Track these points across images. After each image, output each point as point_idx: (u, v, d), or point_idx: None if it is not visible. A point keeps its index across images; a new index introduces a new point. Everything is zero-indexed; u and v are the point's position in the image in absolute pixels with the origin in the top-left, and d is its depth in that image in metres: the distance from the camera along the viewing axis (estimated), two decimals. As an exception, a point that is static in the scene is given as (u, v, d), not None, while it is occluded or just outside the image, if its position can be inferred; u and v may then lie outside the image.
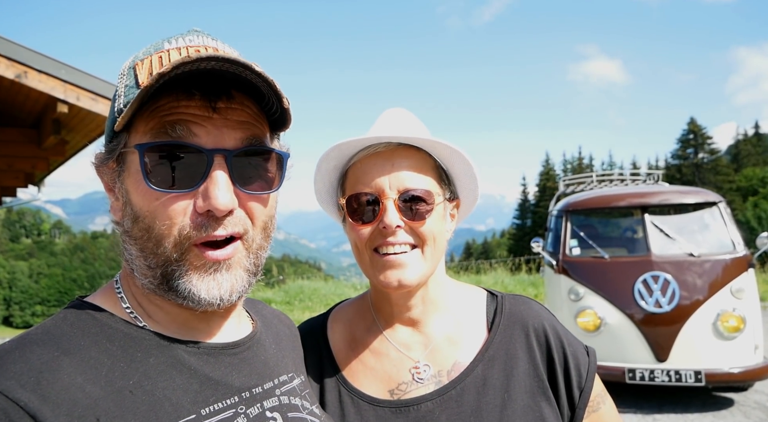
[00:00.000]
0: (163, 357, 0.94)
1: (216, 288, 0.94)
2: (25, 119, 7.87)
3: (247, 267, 1.00)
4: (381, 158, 1.29)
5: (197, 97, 0.92)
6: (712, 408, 6.53)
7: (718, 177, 63.53)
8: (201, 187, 0.92)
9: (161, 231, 0.92)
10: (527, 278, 18.12)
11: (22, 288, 68.88)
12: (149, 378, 0.90)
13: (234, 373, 1.01)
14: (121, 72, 0.98)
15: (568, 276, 7.17)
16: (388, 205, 1.26)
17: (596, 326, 6.63)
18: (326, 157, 1.33)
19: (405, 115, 1.41)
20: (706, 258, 6.69)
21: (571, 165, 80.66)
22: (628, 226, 7.97)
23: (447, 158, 1.35)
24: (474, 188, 1.42)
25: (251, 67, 0.89)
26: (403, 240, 1.27)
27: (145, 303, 1.00)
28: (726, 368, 6.16)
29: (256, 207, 0.99)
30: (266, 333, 1.20)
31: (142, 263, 0.95)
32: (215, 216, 0.92)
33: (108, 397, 0.83)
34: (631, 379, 6.29)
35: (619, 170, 11.43)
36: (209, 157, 0.92)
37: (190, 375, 0.94)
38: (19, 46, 6.32)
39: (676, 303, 6.37)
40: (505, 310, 1.40)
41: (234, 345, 1.05)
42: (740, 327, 6.25)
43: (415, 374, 1.35)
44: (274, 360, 1.14)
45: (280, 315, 1.41)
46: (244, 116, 0.97)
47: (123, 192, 0.97)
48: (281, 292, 16.56)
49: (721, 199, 7.34)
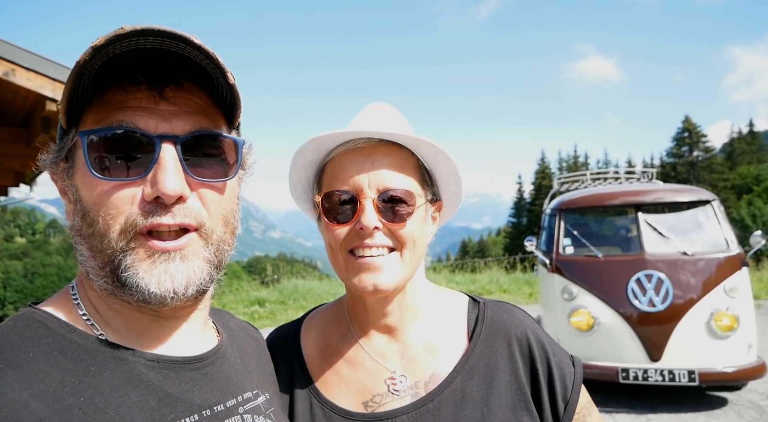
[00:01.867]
0: (118, 371, 0.88)
1: (168, 281, 0.88)
2: (14, 117, 7.78)
3: (207, 258, 0.94)
4: (361, 154, 1.22)
5: (144, 86, 0.88)
6: (706, 407, 6.51)
7: (712, 175, 63.82)
8: (149, 174, 0.87)
9: (106, 221, 0.87)
10: (522, 277, 18.12)
11: (17, 288, 68.56)
12: (102, 394, 0.84)
13: (195, 389, 0.95)
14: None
15: (562, 275, 7.14)
16: (366, 204, 1.18)
17: (589, 325, 6.61)
18: (302, 150, 1.26)
19: (388, 110, 1.34)
20: (700, 257, 6.67)
21: (566, 163, 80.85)
22: (621, 225, 7.96)
23: (431, 158, 1.28)
24: (458, 190, 1.35)
25: (190, 40, 0.84)
26: (381, 243, 1.20)
27: (102, 308, 0.94)
28: (719, 367, 6.14)
29: (211, 195, 0.94)
30: (232, 347, 1.14)
31: (94, 263, 0.90)
32: (164, 203, 0.87)
33: (55, 415, 0.77)
34: (625, 379, 6.27)
35: (614, 168, 11.42)
36: (157, 143, 0.87)
37: (148, 391, 0.88)
38: (7, 44, 6.24)
39: (670, 302, 6.34)
40: (486, 318, 1.33)
41: (197, 360, 0.99)
42: (734, 327, 6.23)
43: (391, 385, 1.28)
44: (238, 376, 1.08)
45: (248, 327, 1.35)
46: (194, 105, 0.93)
47: (73, 190, 0.92)
48: (275, 291, 16.50)
49: (714, 197, 7.33)
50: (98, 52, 0.80)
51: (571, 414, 1.25)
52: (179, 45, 0.85)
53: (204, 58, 0.87)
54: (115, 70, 0.86)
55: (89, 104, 0.89)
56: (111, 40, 0.80)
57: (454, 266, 25.17)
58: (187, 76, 0.92)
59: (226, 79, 0.91)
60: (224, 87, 0.93)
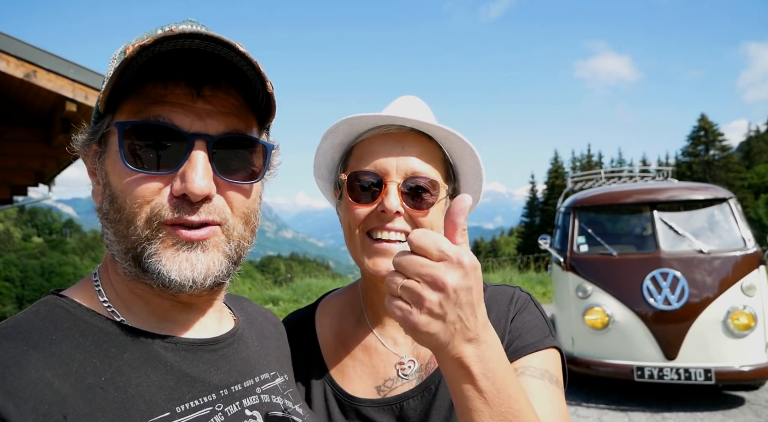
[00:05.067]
0: (138, 352, 0.91)
1: (189, 269, 0.91)
2: (35, 118, 7.93)
3: (227, 252, 0.97)
4: (391, 140, 1.25)
5: (183, 83, 0.91)
6: (722, 406, 6.46)
7: (729, 174, 62.88)
8: (179, 170, 0.90)
9: (133, 210, 0.90)
10: (535, 276, 18.03)
11: (34, 287, 69.56)
12: (123, 374, 0.87)
13: (212, 370, 0.98)
14: (112, 57, 0.97)
15: (576, 273, 7.11)
16: (391, 188, 1.21)
17: (604, 324, 6.58)
18: (335, 129, 1.28)
19: (419, 103, 1.37)
20: (716, 255, 6.60)
21: (580, 162, 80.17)
22: (636, 223, 7.89)
23: (457, 153, 1.31)
24: (478, 190, 1.37)
25: (235, 47, 0.87)
26: (400, 228, 1.22)
27: (125, 293, 0.97)
28: (736, 366, 6.09)
29: (236, 197, 0.97)
30: (249, 330, 1.17)
31: (119, 248, 0.93)
32: (190, 200, 0.90)
33: (77, 394, 0.81)
34: (640, 377, 6.24)
35: (628, 167, 11.31)
36: (190, 141, 0.90)
37: (166, 371, 0.92)
38: (28, 46, 6.37)
39: (686, 301, 6.29)
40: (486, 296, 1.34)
41: (213, 341, 1.03)
42: (751, 325, 6.16)
43: (400, 370, 1.31)
44: (256, 357, 1.11)
45: (266, 312, 1.38)
46: (229, 106, 0.95)
47: (103, 174, 0.95)
48: (289, 290, 16.59)
49: (731, 195, 7.24)
50: (145, 50, 0.84)
51: (519, 349, 1.22)
52: (223, 49, 0.87)
53: (245, 64, 0.90)
54: (157, 63, 0.89)
55: (128, 93, 0.91)
56: (159, 41, 0.83)
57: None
58: (225, 77, 0.94)
59: (265, 87, 0.94)
60: (262, 93, 0.96)
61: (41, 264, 74.41)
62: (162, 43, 0.84)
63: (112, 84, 0.87)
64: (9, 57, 6.29)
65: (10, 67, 6.30)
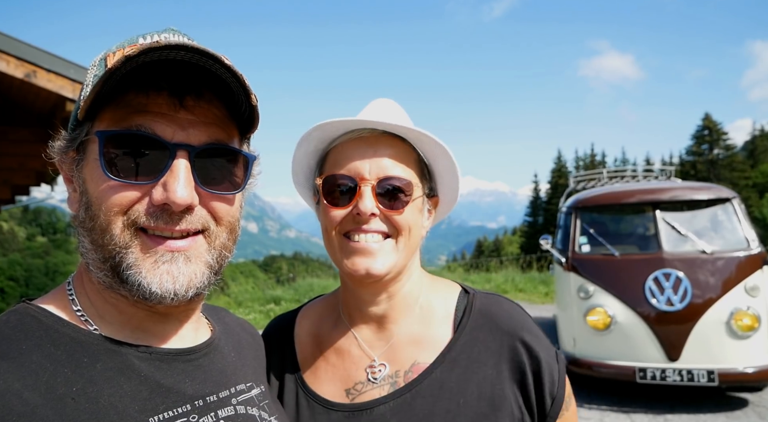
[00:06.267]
0: (111, 362, 0.89)
1: (170, 282, 0.89)
2: (36, 118, 7.95)
3: (209, 263, 0.96)
4: (364, 143, 1.27)
5: (165, 93, 0.90)
6: (726, 408, 6.40)
7: (733, 173, 62.63)
8: (160, 180, 0.89)
9: (108, 217, 0.88)
10: (538, 276, 17.98)
11: (39, 286, 69.91)
12: (95, 384, 0.85)
13: (188, 380, 0.97)
14: (92, 64, 0.95)
15: (578, 273, 7.08)
16: (365, 190, 1.23)
17: (606, 324, 6.54)
18: (307, 137, 1.30)
19: (393, 105, 1.39)
20: (720, 256, 6.55)
21: (583, 162, 80.00)
22: (638, 223, 7.85)
23: (430, 152, 1.33)
24: (455, 188, 1.39)
25: (220, 60, 0.86)
26: (377, 229, 1.24)
27: (99, 302, 0.96)
28: (740, 368, 6.04)
29: (219, 206, 0.97)
30: (226, 341, 1.16)
31: (95, 257, 0.91)
32: (171, 210, 0.89)
33: (47, 405, 0.79)
34: (642, 379, 6.20)
35: (632, 167, 11.25)
36: (172, 151, 0.89)
37: (140, 381, 0.90)
38: (28, 46, 6.38)
39: (689, 302, 6.24)
40: (474, 309, 1.33)
41: (189, 352, 1.01)
42: (754, 326, 6.11)
43: (370, 373, 1.30)
44: (232, 368, 1.10)
45: (244, 323, 1.38)
46: (211, 116, 0.95)
47: (80, 181, 0.94)
48: (291, 290, 16.60)
49: (735, 194, 7.19)
50: (130, 61, 0.82)
51: (558, 408, 1.25)
52: (208, 61, 0.87)
53: (230, 76, 0.89)
54: (140, 72, 0.88)
55: (108, 102, 0.90)
56: (144, 51, 0.82)
57: (469, 265, 25.06)
58: (208, 87, 0.93)
59: (249, 99, 0.93)
60: (245, 104, 0.95)
61: (45, 263, 74.75)
62: (147, 54, 0.83)
63: (95, 93, 0.85)
64: (9, 57, 6.29)
65: (10, 68, 6.30)
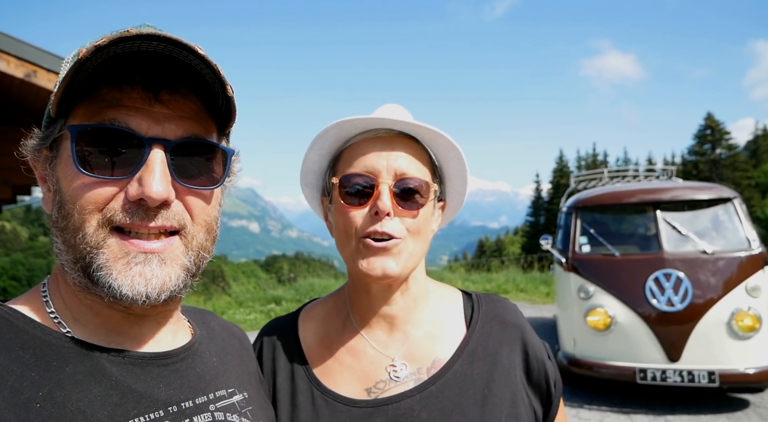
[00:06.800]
0: (81, 365, 0.87)
1: (142, 284, 0.87)
2: (36, 118, 7.94)
3: (185, 265, 0.93)
4: (380, 142, 1.26)
5: (140, 86, 0.88)
6: (727, 409, 6.38)
7: (736, 173, 62.48)
8: (135, 175, 0.87)
9: (82, 216, 0.86)
10: (539, 276, 17.95)
11: (41, 286, 70.00)
12: (63, 388, 0.82)
13: (161, 385, 0.94)
14: (66, 60, 0.94)
15: (578, 274, 7.05)
16: (383, 189, 1.22)
17: (606, 325, 6.51)
18: (324, 134, 1.29)
19: (403, 110, 1.39)
20: (720, 256, 6.52)
21: (585, 161, 79.86)
22: (639, 223, 7.82)
23: (443, 155, 1.33)
24: (462, 192, 1.40)
25: (194, 50, 0.84)
26: (392, 229, 1.23)
27: (74, 304, 0.94)
28: (741, 368, 6.01)
29: (196, 202, 0.94)
30: (208, 345, 1.13)
31: (68, 257, 0.89)
32: (147, 205, 0.87)
33: (9, 409, 0.76)
34: (643, 379, 6.17)
35: (633, 166, 11.22)
36: (147, 145, 0.87)
37: (111, 386, 0.87)
38: (28, 46, 6.38)
39: (689, 302, 6.22)
40: (482, 307, 1.40)
41: (165, 356, 0.98)
42: (756, 327, 6.08)
43: (392, 372, 1.31)
44: (212, 373, 1.06)
45: (232, 327, 1.34)
46: (188, 110, 0.93)
47: (54, 180, 0.92)
48: (291, 290, 16.59)
49: (736, 194, 7.16)
50: (100, 51, 0.81)
51: (560, 393, 1.39)
52: (182, 52, 0.85)
53: (205, 67, 0.87)
54: (113, 67, 0.86)
55: (82, 97, 0.88)
56: (115, 41, 0.80)
57: (471, 265, 25.03)
58: (184, 81, 0.91)
59: (225, 90, 0.91)
60: (222, 97, 0.93)
61: (48, 263, 74.87)
62: (118, 45, 0.81)
63: (65, 86, 0.84)
64: (9, 57, 6.30)
65: (11, 67, 6.31)
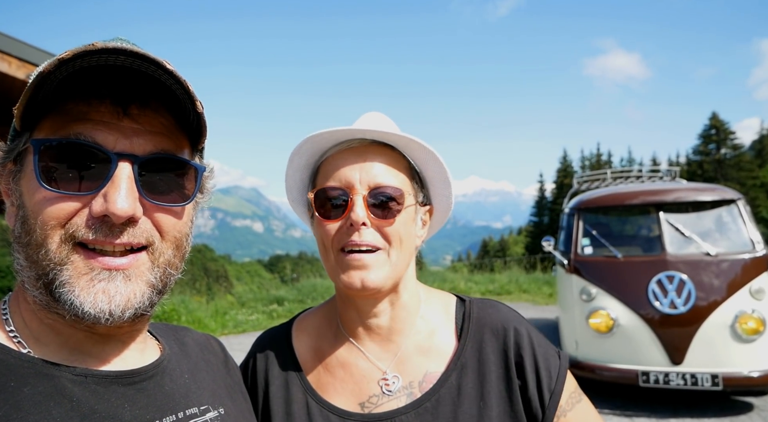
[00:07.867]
0: (41, 386, 0.83)
1: (105, 302, 0.84)
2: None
3: (151, 282, 0.90)
4: (353, 153, 1.27)
5: (108, 100, 0.86)
6: (730, 412, 6.32)
7: (741, 173, 62.15)
8: (101, 191, 0.84)
9: (45, 231, 0.83)
10: (542, 277, 17.90)
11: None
12: (20, 410, 0.79)
13: (126, 406, 0.91)
14: (31, 76, 0.93)
15: (580, 275, 7.01)
16: (356, 200, 1.22)
17: (609, 327, 6.47)
18: (298, 150, 1.30)
19: (382, 117, 1.39)
20: (724, 258, 6.47)
21: (589, 161, 79.63)
22: (642, 225, 7.77)
23: (421, 160, 1.32)
24: (448, 194, 1.38)
25: (162, 65, 0.82)
26: (370, 240, 1.22)
27: (34, 323, 0.91)
28: (745, 372, 5.95)
29: (166, 219, 0.92)
30: (179, 362, 1.10)
31: (29, 274, 0.87)
32: (111, 222, 0.84)
33: None
34: (645, 382, 6.13)
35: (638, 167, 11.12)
36: (114, 160, 0.85)
37: (71, 407, 0.84)
38: (30, 47, 6.39)
39: (692, 304, 6.17)
40: (473, 315, 1.36)
41: (131, 374, 0.95)
42: (759, 330, 6.02)
43: (384, 386, 1.29)
44: (183, 390, 1.03)
45: (208, 341, 1.31)
46: (158, 125, 0.90)
47: (17, 194, 0.90)
48: (294, 290, 16.60)
49: (740, 196, 7.10)
50: (64, 65, 0.79)
51: (556, 403, 1.28)
52: (150, 67, 0.83)
53: (174, 82, 0.85)
54: (80, 80, 0.84)
55: (48, 111, 0.86)
56: (79, 55, 0.78)
57: (474, 265, 24.99)
58: (155, 97, 0.89)
59: (194, 106, 0.89)
60: (192, 113, 0.91)
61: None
62: (83, 58, 0.79)
63: (27, 98, 0.81)
64: (11, 58, 6.30)
65: (12, 69, 6.31)
